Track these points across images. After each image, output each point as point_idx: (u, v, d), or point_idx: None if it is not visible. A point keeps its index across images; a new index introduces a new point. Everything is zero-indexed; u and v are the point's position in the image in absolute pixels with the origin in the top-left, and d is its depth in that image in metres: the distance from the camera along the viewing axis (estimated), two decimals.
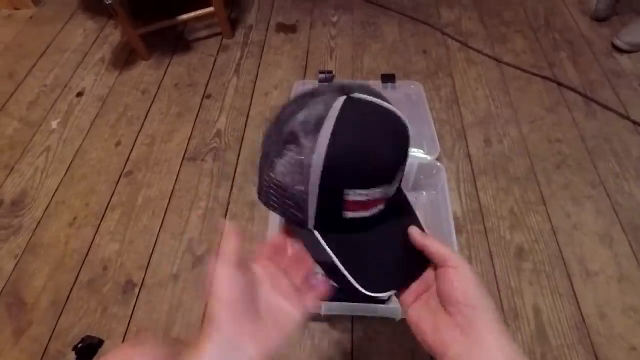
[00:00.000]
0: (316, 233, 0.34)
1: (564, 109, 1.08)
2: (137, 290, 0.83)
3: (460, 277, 0.30)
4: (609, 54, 1.21)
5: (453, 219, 0.78)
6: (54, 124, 1.13)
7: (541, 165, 0.97)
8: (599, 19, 1.29)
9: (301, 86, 1.08)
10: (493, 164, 0.98)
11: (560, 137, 1.02)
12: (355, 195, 0.32)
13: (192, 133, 1.09)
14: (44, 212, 0.95)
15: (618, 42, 1.20)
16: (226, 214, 0.93)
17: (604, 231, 0.85)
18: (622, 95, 1.09)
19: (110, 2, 0.99)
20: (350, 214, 0.33)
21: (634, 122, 1.03)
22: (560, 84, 1.14)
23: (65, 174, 1.02)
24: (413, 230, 0.34)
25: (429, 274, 0.34)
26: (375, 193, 0.33)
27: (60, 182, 1.00)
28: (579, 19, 1.32)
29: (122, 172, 1.02)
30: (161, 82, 1.22)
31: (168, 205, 0.95)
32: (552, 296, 0.78)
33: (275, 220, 0.79)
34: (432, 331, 0.31)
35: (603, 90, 1.11)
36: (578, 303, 0.77)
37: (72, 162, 1.04)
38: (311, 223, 0.34)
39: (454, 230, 0.76)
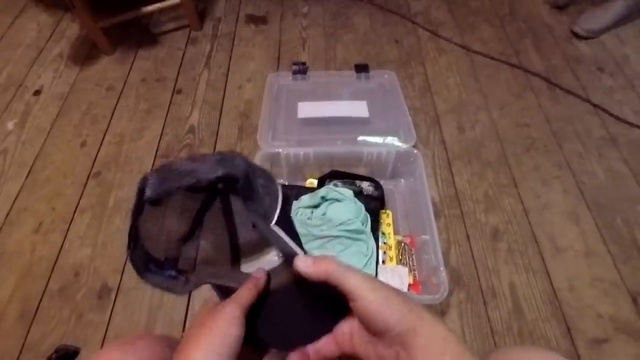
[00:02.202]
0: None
1: (530, 94, 1.12)
2: (113, 294, 0.79)
3: (365, 310, 0.27)
4: (569, 40, 1.26)
5: (431, 205, 0.80)
6: (10, 125, 1.05)
7: (511, 149, 1.01)
8: (559, 7, 1.35)
9: (275, 78, 1.06)
10: (467, 150, 1.01)
11: (528, 122, 1.06)
12: None
13: (163, 130, 1.05)
14: (5, 219, 0.89)
15: (577, 29, 1.25)
16: None
17: (571, 209, 0.90)
18: (582, 79, 1.15)
19: None
20: None
21: (594, 105, 1.09)
22: (526, 70, 1.18)
23: (27, 177, 0.96)
24: (299, 262, 0.29)
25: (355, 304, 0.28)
26: None
27: (22, 187, 0.94)
28: (540, 7, 1.37)
29: (89, 173, 0.97)
30: (127, 77, 1.17)
31: None
32: (526, 273, 0.82)
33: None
34: (378, 357, 0.28)
35: (565, 75, 1.16)
36: (550, 278, 0.81)
37: (33, 164, 0.98)
38: None
39: (432, 216, 0.78)
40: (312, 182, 0.94)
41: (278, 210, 0.35)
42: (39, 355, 0.72)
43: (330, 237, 0.78)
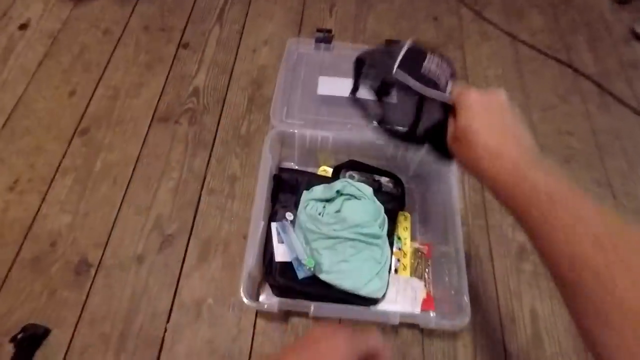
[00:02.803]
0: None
1: (577, 98, 1.01)
2: (92, 271, 0.71)
3: (466, 121, 0.38)
4: (627, 41, 1.13)
5: (459, 214, 0.71)
6: None
7: (550, 158, 0.90)
8: (621, 1, 1.20)
9: (295, 45, 0.93)
10: None
11: (571, 129, 0.95)
12: None
13: (164, 88, 0.93)
14: None
15: (639, 29, 1.11)
16: (202, 188, 0.81)
17: None
18: (637, 89, 1.03)
19: None
20: None
21: None
22: (575, 70, 1.05)
23: (4, 125, 0.85)
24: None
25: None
26: None
27: None
28: None
29: (76, 129, 0.85)
30: (127, 22, 1.03)
31: (133, 173, 0.81)
32: (550, 300, 0.74)
33: (261, 195, 0.68)
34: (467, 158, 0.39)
35: (618, 81, 1.04)
36: None
37: (12, 111, 0.87)
38: None
39: (459, 228, 0.69)
40: (326, 169, 0.84)
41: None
42: (2, 332, 0.64)
43: (342, 238, 0.69)
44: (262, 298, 0.69)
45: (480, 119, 0.36)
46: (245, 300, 0.59)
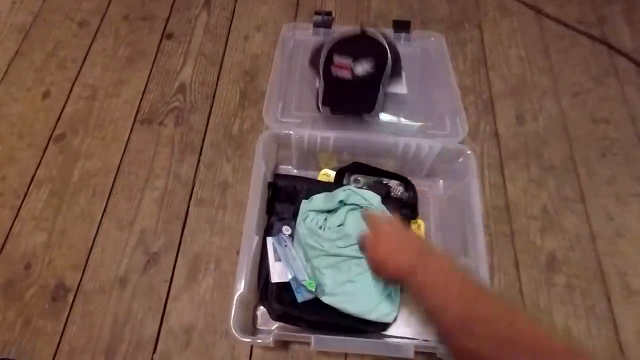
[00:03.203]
0: None
1: (613, 80, 0.88)
2: (70, 296, 0.64)
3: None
4: None
5: (481, 220, 0.61)
6: None
7: (582, 151, 0.80)
8: None
9: (291, 30, 0.83)
10: (525, 147, 0.80)
11: (607, 117, 0.83)
12: None
13: (146, 85, 0.84)
14: None
15: None
16: (190, 198, 0.73)
17: None
18: None
19: None
20: None
21: None
22: (610, 47, 0.92)
23: None
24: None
25: None
26: None
27: None
28: None
29: (51, 135, 0.77)
30: (105, 11, 0.93)
31: (114, 183, 0.73)
32: (587, 318, 0.65)
33: (253, 207, 0.60)
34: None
35: None
36: (616, 328, 0.64)
37: None
38: None
39: (482, 237, 0.60)
40: (328, 173, 0.74)
41: None
42: None
43: (346, 256, 0.60)
44: (259, 321, 0.62)
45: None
46: (236, 334, 0.51)
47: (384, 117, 0.73)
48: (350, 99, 0.69)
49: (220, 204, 0.72)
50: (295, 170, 0.76)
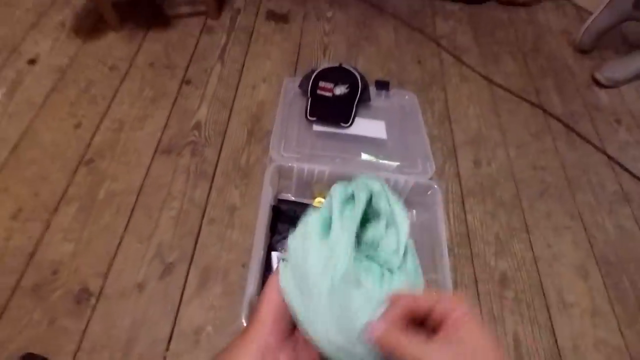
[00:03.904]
0: None
1: (547, 137, 1.10)
2: (93, 300, 0.72)
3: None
4: (589, 86, 1.25)
5: (446, 245, 0.76)
6: None
7: (526, 191, 0.98)
8: (582, 50, 1.34)
9: (291, 83, 1.01)
10: (481, 186, 0.98)
11: (544, 165, 1.04)
12: None
13: (167, 122, 0.98)
14: None
15: (599, 76, 1.25)
16: (202, 218, 0.84)
17: (580, 263, 0.88)
18: (600, 129, 1.14)
19: None
20: None
21: (609, 157, 1.08)
22: (545, 111, 1.16)
23: (10, 154, 0.87)
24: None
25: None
26: None
27: (3, 165, 0.86)
28: (564, 48, 1.36)
29: (81, 159, 0.89)
30: (133, 58, 1.09)
31: (135, 202, 0.84)
32: (531, 326, 0.79)
33: (261, 226, 0.72)
34: None
35: (583, 121, 1.15)
36: (554, 334, 0.78)
37: (19, 141, 0.89)
38: None
39: (446, 257, 0.74)
40: (321, 201, 0.89)
41: None
42: None
43: None
44: None
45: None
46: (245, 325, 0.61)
47: (368, 157, 0.90)
48: (332, 112, 0.93)
49: (229, 223, 0.84)
50: (293, 198, 0.89)
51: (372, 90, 1.02)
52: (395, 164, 0.90)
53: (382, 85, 1.03)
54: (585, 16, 1.34)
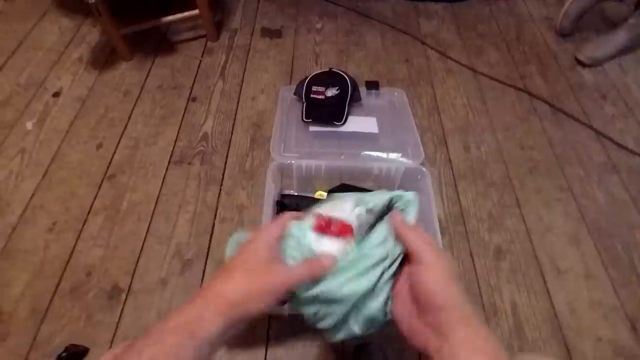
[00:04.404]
0: None
1: (534, 118, 1.16)
2: (123, 295, 0.81)
3: (428, 276, 0.31)
4: (573, 67, 1.31)
5: (437, 222, 0.82)
6: (29, 125, 1.08)
7: (515, 170, 1.04)
8: (563, 34, 1.40)
9: (287, 92, 1.10)
10: (472, 169, 1.04)
11: (532, 144, 1.09)
12: None
13: (177, 136, 1.08)
14: (20, 217, 0.91)
15: (580, 57, 1.30)
16: (215, 218, 0.93)
17: (572, 232, 0.93)
18: (585, 106, 1.19)
19: (93, 1, 0.96)
20: None
21: (596, 131, 1.12)
22: (530, 94, 1.22)
23: (43, 177, 0.98)
24: (396, 216, 0.39)
25: (411, 268, 0.34)
26: None
27: (37, 186, 0.96)
28: (545, 34, 1.42)
29: (104, 175, 0.99)
30: (144, 83, 1.20)
31: (154, 209, 0.94)
32: (528, 293, 0.84)
33: (267, 219, 0.80)
34: (409, 329, 0.32)
35: (568, 101, 1.20)
36: (550, 299, 0.83)
37: (49, 164, 1.01)
38: None
39: (439, 234, 0.80)
40: (322, 193, 0.96)
41: None
42: (47, 354, 0.73)
43: None
44: None
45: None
46: None
47: (363, 150, 0.98)
48: (325, 113, 1.00)
49: (239, 221, 0.93)
50: (296, 193, 0.97)
51: (363, 90, 1.09)
52: (388, 153, 0.97)
53: (372, 85, 1.11)
54: (564, 1, 1.40)
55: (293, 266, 0.36)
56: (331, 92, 1.03)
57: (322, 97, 1.02)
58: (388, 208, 0.46)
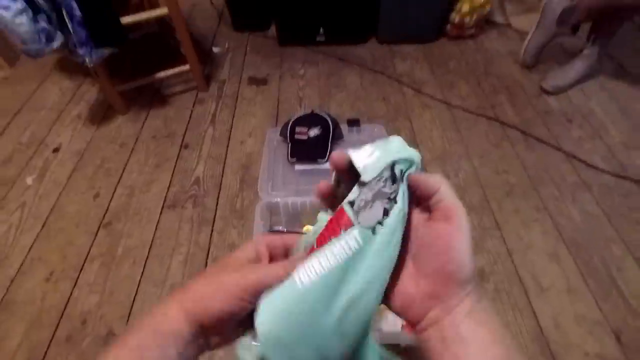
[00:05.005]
0: None
1: (507, 144, 1.23)
2: None
3: (459, 242, 0.24)
4: (539, 95, 1.40)
5: None
6: (29, 180, 1.14)
7: (492, 194, 1.09)
8: (527, 67, 1.51)
9: (273, 134, 1.17)
10: None
11: (506, 169, 1.16)
12: None
13: (171, 181, 1.14)
14: (18, 269, 0.94)
15: (545, 86, 1.40)
16: (207, 257, 0.96)
17: (551, 249, 0.96)
18: (554, 130, 1.27)
19: (92, 64, 1.06)
20: None
21: (565, 153, 1.19)
22: (502, 122, 1.30)
23: (41, 229, 1.02)
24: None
25: (432, 225, 0.26)
26: None
27: (36, 238, 1.00)
28: (511, 67, 1.54)
29: (100, 223, 1.03)
30: (139, 134, 1.28)
31: (149, 253, 0.97)
32: (513, 312, 0.86)
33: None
34: (403, 298, 0.26)
35: (537, 126, 1.28)
36: (536, 316, 0.85)
37: (48, 216, 1.05)
38: None
39: None
40: (309, 228, 1.00)
41: None
42: None
43: None
44: None
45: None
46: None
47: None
48: (309, 152, 1.07)
49: None
50: (285, 229, 1.01)
51: (345, 128, 1.17)
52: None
53: (353, 123, 1.19)
54: (525, 38, 1.53)
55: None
56: (313, 132, 1.11)
57: (305, 137, 1.10)
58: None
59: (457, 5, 1.57)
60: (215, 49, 1.65)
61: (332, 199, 0.30)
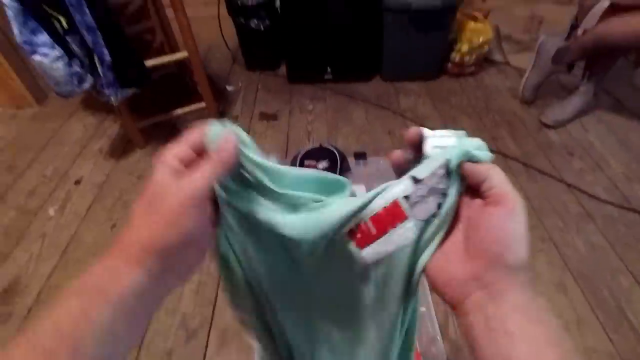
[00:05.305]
0: None
1: (509, 175, 1.22)
2: None
3: (512, 225, 0.24)
4: (539, 129, 1.45)
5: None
6: (51, 211, 1.20)
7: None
8: (527, 102, 1.58)
9: None
10: None
11: None
12: None
13: None
14: (37, 298, 0.98)
15: (545, 120, 1.45)
16: (218, 287, 0.99)
17: (557, 280, 0.97)
18: (555, 162, 1.30)
19: (117, 103, 1.15)
20: None
21: (568, 184, 1.22)
22: (504, 155, 1.34)
23: (60, 258, 1.07)
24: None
25: (485, 208, 0.25)
26: None
27: (55, 267, 1.04)
28: (511, 102, 1.60)
29: None
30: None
31: None
32: None
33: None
34: (446, 277, 0.26)
35: (539, 159, 1.32)
36: None
37: (67, 246, 1.10)
38: None
39: (428, 291, 0.85)
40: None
41: None
42: None
43: None
44: None
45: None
46: None
47: None
48: None
49: None
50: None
51: (352, 161, 1.23)
52: None
53: (360, 156, 1.25)
54: (523, 75, 1.61)
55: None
56: (322, 165, 1.16)
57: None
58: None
59: (457, 45, 1.66)
60: (229, 87, 1.76)
61: (406, 164, 0.32)
